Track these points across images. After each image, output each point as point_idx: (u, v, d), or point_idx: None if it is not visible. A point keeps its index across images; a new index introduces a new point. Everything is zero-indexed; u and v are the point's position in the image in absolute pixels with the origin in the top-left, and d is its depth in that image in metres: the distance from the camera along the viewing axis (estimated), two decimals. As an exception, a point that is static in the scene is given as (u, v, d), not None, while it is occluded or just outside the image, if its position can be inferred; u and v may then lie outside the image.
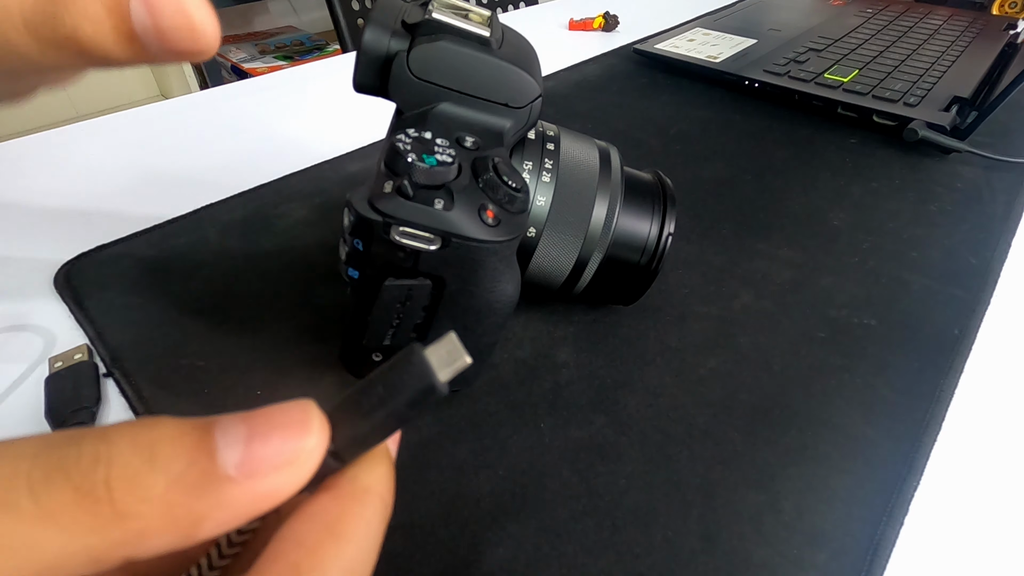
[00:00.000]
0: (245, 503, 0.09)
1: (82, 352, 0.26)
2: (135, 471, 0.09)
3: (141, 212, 0.36)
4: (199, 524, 0.09)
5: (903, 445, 0.25)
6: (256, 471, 0.09)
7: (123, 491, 0.08)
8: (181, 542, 0.09)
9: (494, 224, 0.18)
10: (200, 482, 0.09)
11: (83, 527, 0.08)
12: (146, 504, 0.08)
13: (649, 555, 0.21)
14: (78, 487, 0.08)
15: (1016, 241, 0.37)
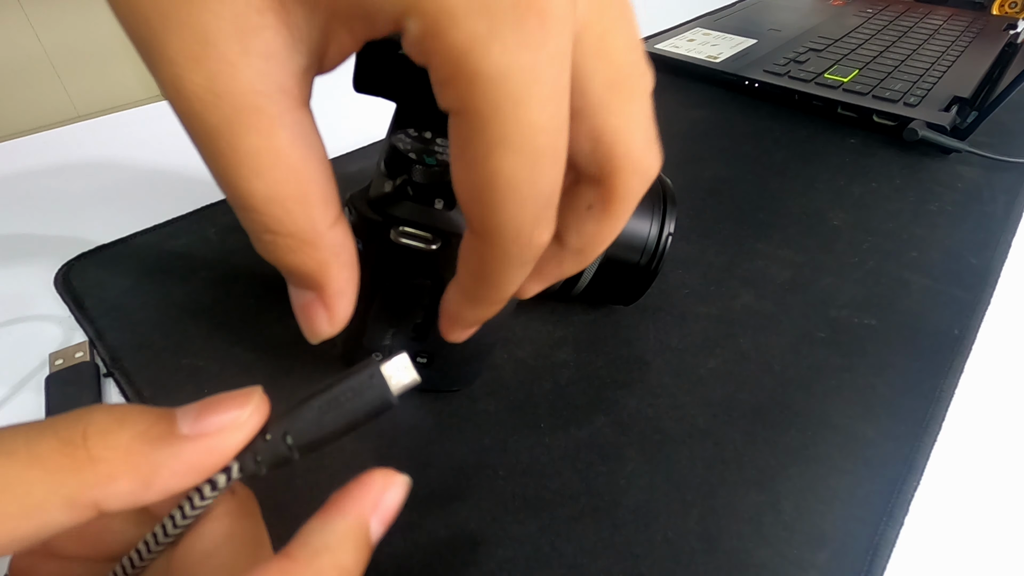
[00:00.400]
0: (195, 457, 0.11)
1: (83, 350, 0.26)
2: (107, 427, 0.11)
3: (141, 212, 0.36)
4: (157, 472, 0.11)
5: (903, 445, 0.25)
6: (204, 432, 0.11)
7: (96, 440, 0.11)
8: (142, 489, 0.11)
9: None
10: (159, 437, 0.11)
11: (63, 469, 0.10)
12: (113, 451, 0.11)
13: (649, 555, 0.21)
14: (61, 437, 0.10)
15: (1016, 241, 0.37)
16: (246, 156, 0.11)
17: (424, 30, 0.10)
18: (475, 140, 0.11)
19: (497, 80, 0.10)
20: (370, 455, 0.23)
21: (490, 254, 0.13)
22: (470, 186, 0.12)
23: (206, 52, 0.10)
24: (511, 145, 0.11)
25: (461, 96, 0.10)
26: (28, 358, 0.27)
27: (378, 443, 0.24)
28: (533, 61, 0.10)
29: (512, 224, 0.12)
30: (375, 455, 0.23)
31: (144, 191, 0.38)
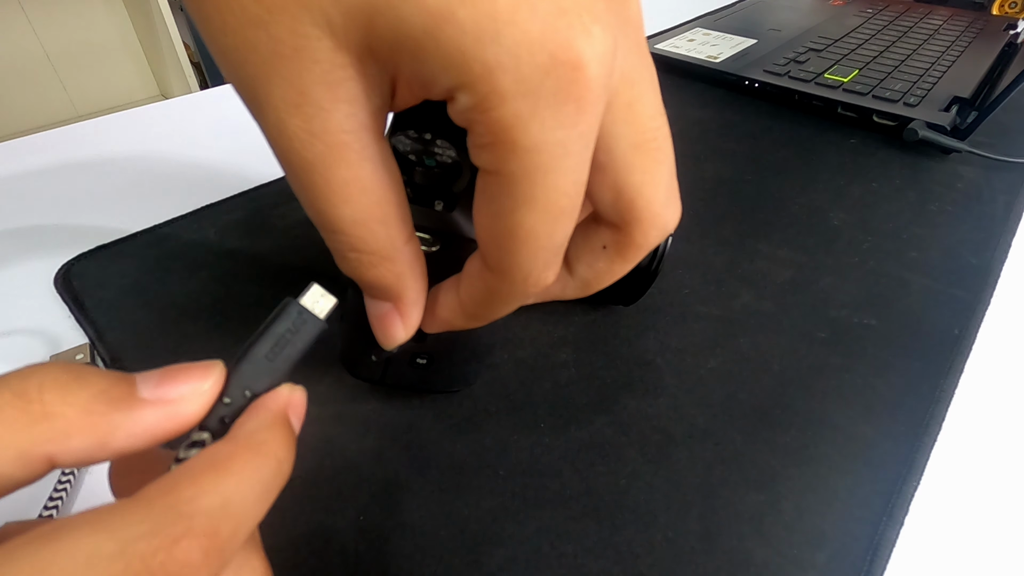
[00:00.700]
0: (152, 421, 0.12)
1: (84, 353, 0.26)
2: (64, 384, 0.11)
3: (141, 212, 0.36)
4: (114, 433, 0.11)
5: (903, 445, 0.25)
6: (163, 398, 0.12)
7: (51, 396, 0.11)
8: (97, 448, 0.11)
9: None
10: (119, 398, 0.11)
11: (16, 422, 0.10)
12: (70, 407, 0.11)
13: (649, 555, 0.21)
14: (14, 390, 0.11)
15: (1016, 241, 0.37)
16: (337, 186, 0.13)
17: (473, 104, 0.11)
18: (504, 197, 0.12)
19: (532, 152, 0.11)
20: (369, 455, 0.23)
21: (498, 287, 0.14)
22: (493, 233, 0.13)
23: (303, 99, 0.12)
24: (536, 205, 0.12)
25: (497, 161, 0.12)
26: (28, 359, 0.27)
27: (378, 443, 0.24)
28: (566, 138, 0.12)
29: (525, 268, 0.14)
30: (375, 455, 0.23)
31: (145, 191, 0.38)
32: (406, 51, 0.11)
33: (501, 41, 0.10)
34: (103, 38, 1.66)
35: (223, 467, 0.11)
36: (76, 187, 0.38)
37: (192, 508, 0.10)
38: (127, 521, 0.10)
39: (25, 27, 1.52)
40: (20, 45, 1.53)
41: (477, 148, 0.12)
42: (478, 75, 0.11)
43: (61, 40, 1.59)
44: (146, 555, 0.09)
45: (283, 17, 0.11)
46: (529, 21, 0.10)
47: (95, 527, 0.09)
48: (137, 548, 0.09)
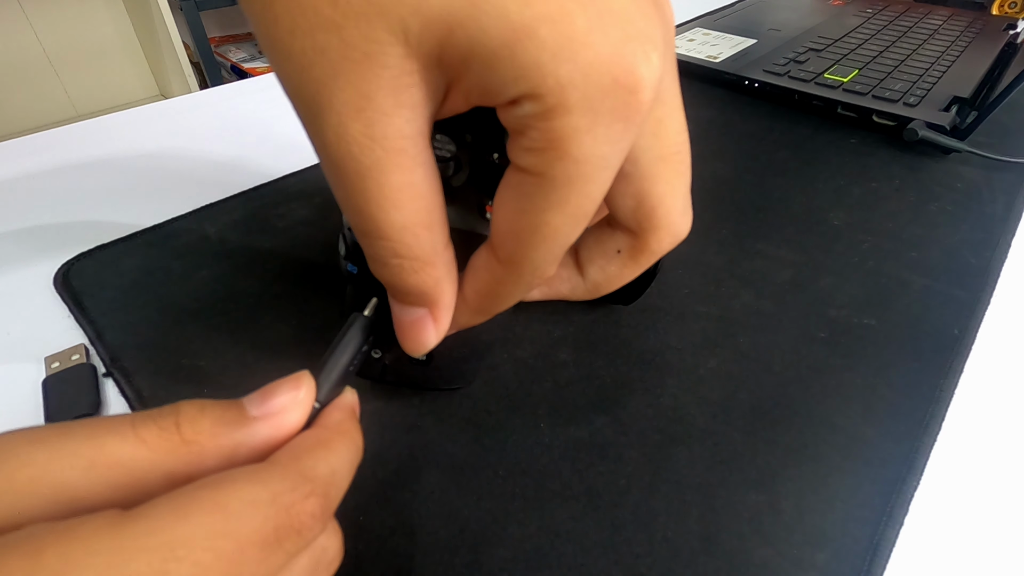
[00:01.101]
0: (266, 434, 0.14)
1: (79, 353, 0.26)
2: (193, 416, 0.13)
3: (141, 212, 0.36)
4: (237, 449, 0.13)
5: (903, 445, 0.25)
6: (270, 412, 0.14)
7: (185, 427, 0.13)
8: (227, 463, 0.13)
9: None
10: (234, 421, 0.13)
11: (162, 450, 0.12)
12: (201, 435, 0.13)
13: (649, 555, 0.21)
14: (159, 425, 0.13)
15: (1016, 241, 0.37)
16: (390, 191, 0.13)
17: (537, 113, 0.12)
18: (538, 197, 0.13)
19: (580, 162, 0.12)
20: (369, 455, 0.23)
21: (506, 278, 0.15)
22: (514, 227, 0.14)
23: (368, 104, 0.12)
24: (567, 208, 0.13)
25: (543, 164, 0.12)
26: (27, 358, 0.27)
27: (378, 443, 0.24)
28: (610, 152, 0.13)
29: (536, 262, 0.14)
30: (375, 455, 0.23)
31: (144, 191, 0.38)
32: (479, 61, 0.12)
33: (576, 61, 0.11)
34: (103, 38, 1.66)
35: (327, 445, 0.14)
36: (76, 187, 0.38)
37: (313, 474, 0.13)
38: (273, 477, 0.12)
39: (25, 27, 1.52)
40: (20, 45, 1.53)
41: (525, 151, 0.13)
42: (550, 88, 0.11)
43: (61, 40, 1.59)
44: (287, 504, 0.12)
45: (359, 22, 0.11)
46: (601, 44, 0.11)
47: (252, 480, 0.12)
48: (283, 498, 0.12)
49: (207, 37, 1.50)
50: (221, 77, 1.58)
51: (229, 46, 1.77)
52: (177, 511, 0.11)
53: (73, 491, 0.12)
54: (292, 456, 0.13)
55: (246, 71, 1.64)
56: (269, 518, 0.11)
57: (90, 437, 0.12)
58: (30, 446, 0.12)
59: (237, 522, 0.11)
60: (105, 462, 0.12)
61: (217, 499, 0.11)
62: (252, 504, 0.11)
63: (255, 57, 1.72)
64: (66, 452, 0.12)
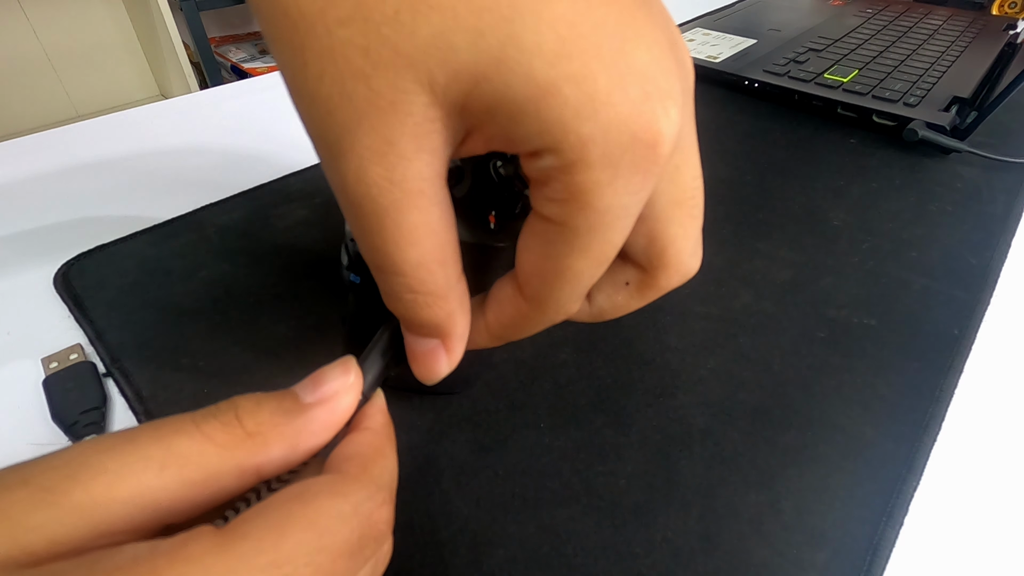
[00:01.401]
0: (323, 418, 0.14)
1: (77, 352, 0.26)
2: (251, 409, 0.13)
3: (141, 212, 0.36)
4: (299, 435, 0.14)
5: (903, 445, 0.25)
6: (323, 398, 0.14)
7: (247, 420, 0.13)
8: (290, 451, 0.13)
9: (497, 229, 0.18)
10: (291, 409, 0.14)
11: (228, 444, 0.13)
12: (262, 425, 0.13)
13: (649, 555, 0.21)
14: (221, 421, 0.13)
15: (1016, 241, 0.37)
16: (407, 230, 0.13)
17: (559, 166, 0.12)
18: (561, 244, 0.14)
19: (601, 213, 0.13)
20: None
21: (530, 314, 0.16)
22: (539, 269, 0.15)
23: (390, 149, 0.12)
24: (589, 254, 0.14)
25: (566, 215, 0.13)
26: (28, 359, 0.27)
27: (378, 443, 0.24)
28: (630, 203, 0.13)
29: (561, 300, 0.15)
30: (375, 455, 0.23)
31: (144, 191, 0.38)
32: (504, 113, 0.12)
33: (597, 119, 0.12)
34: (103, 38, 1.66)
35: (383, 452, 0.15)
36: (76, 187, 0.38)
37: (382, 482, 0.14)
38: (352, 489, 0.13)
39: (25, 27, 1.52)
40: (20, 45, 1.53)
41: (548, 200, 0.13)
42: (571, 144, 0.12)
43: (61, 40, 1.59)
44: (367, 514, 0.13)
45: (387, 72, 0.12)
46: (622, 104, 0.12)
47: (335, 493, 0.12)
48: (363, 508, 0.12)
49: (207, 37, 1.50)
50: (221, 77, 1.58)
51: (229, 46, 1.77)
52: (275, 529, 0.11)
53: (151, 494, 0.12)
54: (361, 467, 0.14)
55: (246, 71, 1.64)
56: (354, 529, 0.12)
57: (157, 439, 0.12)
58: (100, 455, 0.12)
59: (330, 537, 0.12)
60: (176, 462, 0.12)
61: (308, 515, 0.12)
62: (340, 518, 0.12)
63: (255, 57, 1.72)
64: (136, 456, 0.12)
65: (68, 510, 0.11)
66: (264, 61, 1.70)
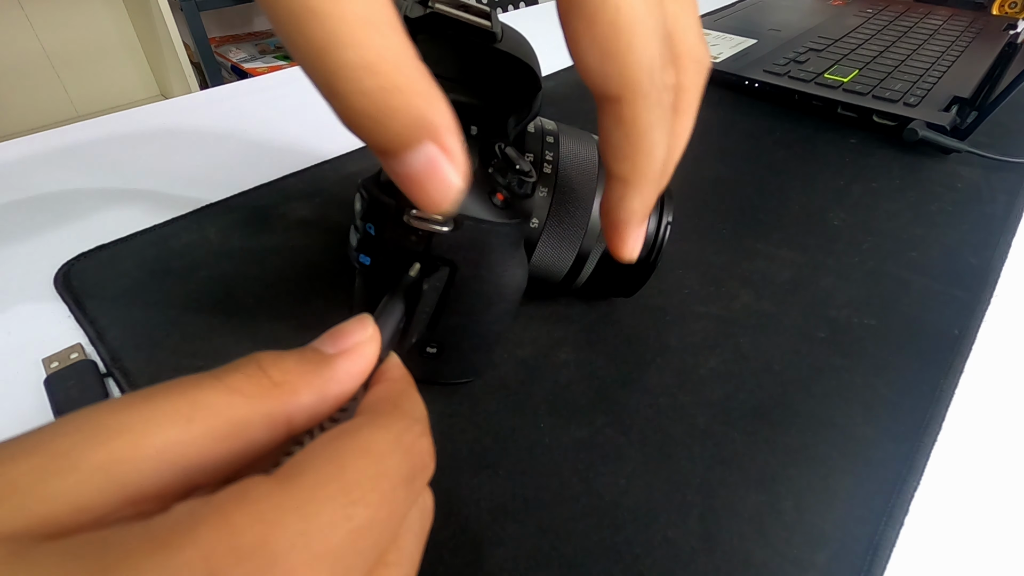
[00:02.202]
0: (349, 368, 0.14)
1: (77, 351, 0.26)
2: (274, 359, 0.13)
3: (141, 212, 0.36)
4: (327, 384, 0.13)
5: (903, 445, 0.25)
6: (344, 350, 0.14)
7: (271, 369, 0.13)
8: (319, 400, 0.13)
9: (504, 206, 0.19)
10: (315, 360, 0.13)
11: (255, 394, 0.12)
12: (288, 374, 0.13)
13: (649, 555, 0.21)
14: (244, 372, 0.13)
15: (1016, 241, 0.37)
16: (360, 20, 0.12)
17: None
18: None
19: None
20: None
21: (632, 105, 0.14)
22: (601, 45, 0.14)
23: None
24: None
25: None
26: (28, 358, 0.27)
27: (378, 443, 0.24)
28: None
29: (645, 62, 0.14)
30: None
31: (144, 191, 0.38)
32: None
33: None
34: (103, 38, 1.66)
35: (410, 393, 0.14)
36: (76, 187, 0.38)
37: (415, 414, 0.14)
38: (391, 421, 0.12)
39: (25, 27, 1.52)
40: (20, 45, 1.53)
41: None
42: None
43: (61, 40, 1.59)
44: (409, 444, 0.12)
45: None
46: None
47: (376, 426, 0.12)
48: (404, 438, 0.12)
49: (207, 37, 1.50)
50: (221, 77, 1.58)
51: (229, 46, 1.77)
52: (333, 461, 0.11)
53: (179, 449, 0.11)
54: (393, 404, 0.14)
55: (246, 71, 1.64)
56: (403, 457, 0.12)
57: (180, 394, 0.12)
58: (116, 414, 0.11)
59: (385, 463, 0.11)
60: (203, 414, 0.11)
61: (360, 445, 0.11)
62: (389, 446, 0.12)
63: (255, 57, 1.72)
64: (160, 411, 0.11)
65: (90, 472, 0.10)
66: (264, 61, 1.70)
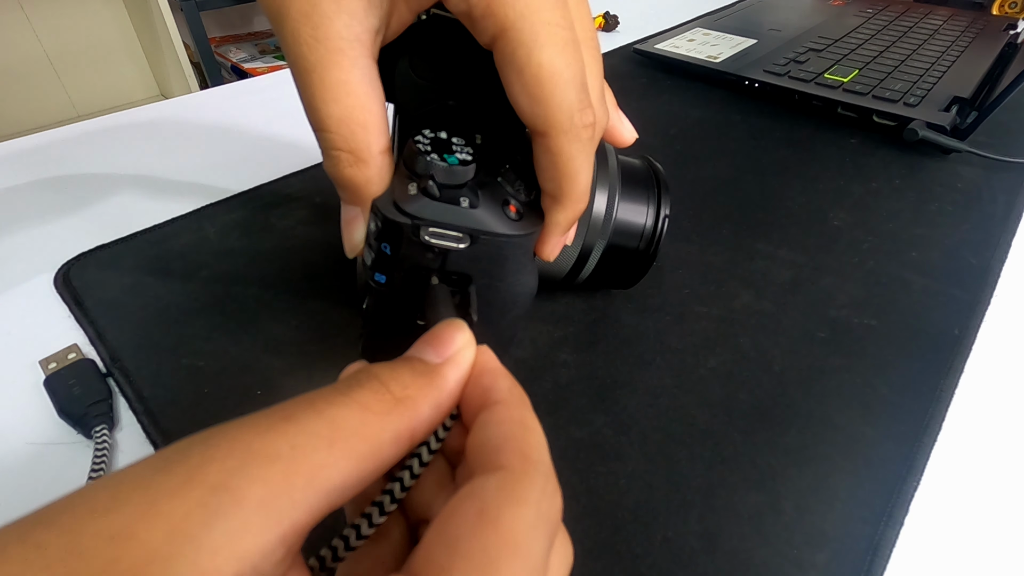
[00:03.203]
0: (456, 376, 0.14)
1: (74, 351, 0.26)
2: (389, 377, 0.13)
3: (141, 212, 0.36)
4: (440, 394, 0.14)
5: (903, 445, 0.25)
6: (447, 356, 0.14)
7: (392, 384, 0.13)
8: (436, 411, 0.13)
9: (517, 218, 0.18)
10: (424, 371, 0.14)
11: (384, 411, 0.12)
12: (408, 389, 0.13)
13: (649, 555, 0.21)
14: (369, 388, 0.13)
15: (1016, 241, 0.37)
16: (330, 85, 0.16)
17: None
18: (516, 47, 0.15)
19: (519, 5, 0.15)
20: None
21: (555, 140, 0.17)
22: (529, 92, 0.16)
23: (313, 10, 0.15)
24: (538, 41, 0.15)
25: (495, 20, 0.15)
26: (28, 358, 0.27)
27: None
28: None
29: (564, 107, 0.16)
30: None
31: (144, 191, 0.38)
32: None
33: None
34: (103, 38, 1.66)
35: (529, 424, 0.14)
36: (76, 187, 0.38)
37: (546, 467, 0.13)
38: (527, 489, 0.12)
39: (25, 27, 1.52)
40: (20, 45, 1.53)
41: (479, 23, 0.16)
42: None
43: (61, 40, 1.59)
44: (547, 510, 0.12)
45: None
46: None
47: (514, 501, 0.11)
48: (543, 508, 0.12)
49: (207, 37, 1.50)
50: (221, 77, 1.58)
51: (229, 46, 1.77)
52: (484, 569, 0.10)
53: (325, 474, 0.11)
54: (522, 456, 0.13)
55: (246, 71, 1.64)
56: (545, 534, 0.12)
57: (317, 413, 0.12)
58: (261, 437, 0.11)
59: (532, 556, 0.11)
60: (342, 435, 0.11)
61: (507, 541, 0.11)
62: (532, 529, 0.11)
63: (255, 57, 1.72)
64: (304, 434, 0.11)
65: (252, 511, 0.10)
66: (264, 61, 1.70)
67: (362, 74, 0.16)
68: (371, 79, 0.16)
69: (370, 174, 0.17)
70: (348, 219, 0.18)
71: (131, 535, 0.09)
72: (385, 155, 0.17)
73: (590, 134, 0.17)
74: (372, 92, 0.16)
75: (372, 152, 0.17)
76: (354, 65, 0.16)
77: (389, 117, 0.19)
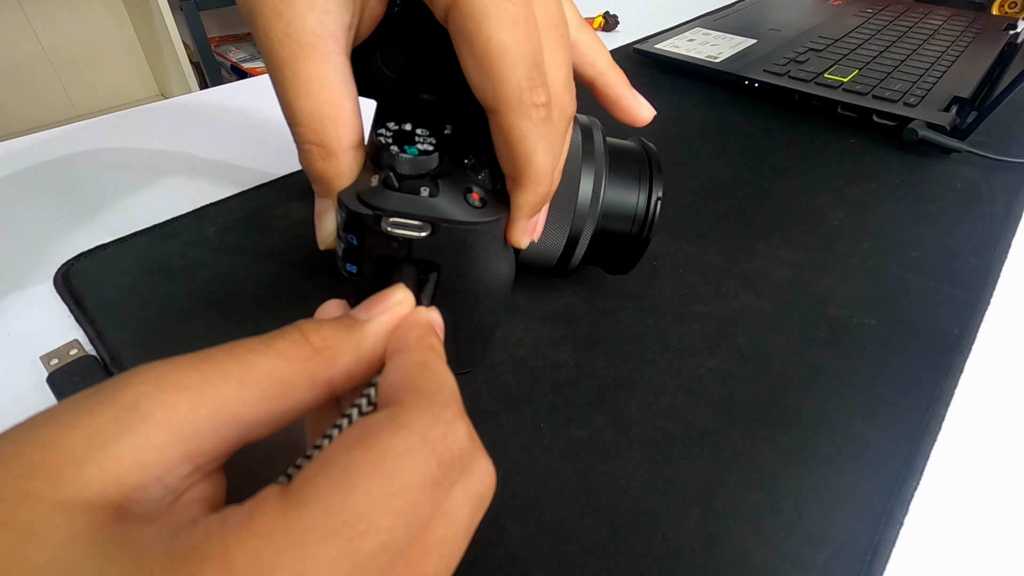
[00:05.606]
0: (374, 328, 0.15)
1: (76, 347, 0.26)
2: (313, 328, 0.14)
3: (141, 212, 0.36)
4: (359, 346, 0.14)
5: (903, 445, 0.25)
6: (375, 314, 0.15)
7: (312, 336, 0.14)
8: (355, 362, 0.14)
9: (480, 206, 0.19)
10: (350, 325, 0.15)
11: (298, 358, 0.13)
12: (327, 340, 0.14)
13: (649, 555, 0.21)
14: (289, 339, 0.13)
15: (1016, 241, 0.37)
16: (302, 81, 0.16)
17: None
18: (467, 18, 0.15)
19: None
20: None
21: (505, 116, 0.17)
22: (479, 66, 0.16)
23: (286, 7, 0.15)
24: (492, 16, 0.15)
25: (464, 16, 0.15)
26: (28, 358, 0.27)
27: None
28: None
29: (513, 83, 0.16)
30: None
31: (144, 191, 0.38)
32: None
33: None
34: (103, 38, 1.66)
35: (430, 364, 0.14)
36: (76, 187, 0.38)
37: (442, 398, 0.13)
38: (414, 417, 0.12)
39: (25, 27, 1.52)
40: (20, 45, 1.53)
41: (439, 5, 0.16)
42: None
43: (61, 40, 1.59)
44: (438, 437, 0.12)
45: None
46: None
47: (395, 427, 0.12)
48: (431, 433, 0.12)
49: (207, 37, 1.50)
50: (221, 77, 1.58)
51: (229, 46, 1.77)
52: (340, 485, 0.11)
53: (233, 408, 0.12)
54: (415, 390, 0.13)
55: (246, 71, 1.64)
56: (429, 459, 0.11)
57: (231, 357, 0.13)
58: (176, 372, 0.12)
59: (402, 477, 0.11)
60: (253, 376, 0.12)
61: (373, 460, 0.11)
62: (408, 452, 0.11)
63: (255, 57, 1.72)
64: (215, 372, 0.12)
65: (156, 427, 0.11)
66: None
67: (335, 70, 0.16)
68: (343, 74, 0.17)
69: (340, 168, 0.17)
70: (320, 211, 0.19)
71: (56, 443, 0.11)
72: (356, 150, 0.18)
73: (543, 114, 0.17)
74: (344, 87, 0.17)
75: (343, 146, 0.17)
76: (326, 61, 0.16)
77: (373, 112, 0.20)
